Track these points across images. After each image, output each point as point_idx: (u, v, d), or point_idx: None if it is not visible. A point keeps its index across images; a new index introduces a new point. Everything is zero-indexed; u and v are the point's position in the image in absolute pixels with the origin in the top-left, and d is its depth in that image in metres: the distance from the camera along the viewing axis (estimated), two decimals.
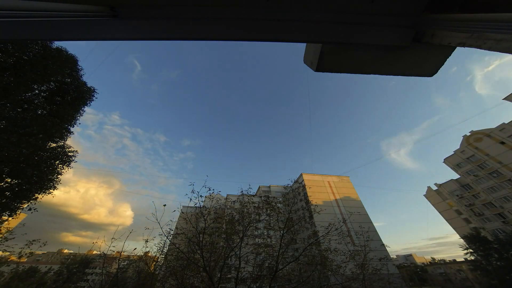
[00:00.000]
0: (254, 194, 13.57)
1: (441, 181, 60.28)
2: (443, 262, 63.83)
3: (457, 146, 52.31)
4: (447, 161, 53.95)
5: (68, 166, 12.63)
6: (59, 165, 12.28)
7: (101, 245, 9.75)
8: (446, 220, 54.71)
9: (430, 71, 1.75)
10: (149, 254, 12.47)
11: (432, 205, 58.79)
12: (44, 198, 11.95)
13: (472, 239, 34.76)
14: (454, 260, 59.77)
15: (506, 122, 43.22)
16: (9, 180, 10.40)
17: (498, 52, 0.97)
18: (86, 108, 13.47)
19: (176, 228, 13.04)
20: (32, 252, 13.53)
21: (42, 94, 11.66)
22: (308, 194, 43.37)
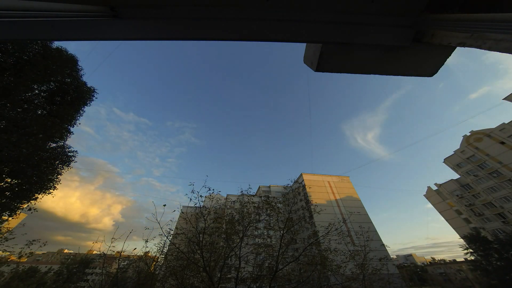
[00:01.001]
0: (254, 194, 13.57)
1: (440, 181, 60.27)
2: (443, 262, 63.84)
3: (456, 146, 52.35)
4: (447, 161, 53.94)
5: (68, 166, 12.63)
6: (59, 165, 12.28)
7: (101, 245, 9.75)
8: (446, 220, 54.70)
9: (430, 71, 1.75)
10: (149, 254, 12.47)
11: (432, 205, 58.82)
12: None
13: (472, 239, 34.76)
14: (454, 260, 59.78)
15: (506, 122, 43.25)
16: (9, 180, 10.40)
17: (498, 52, 0.97)
18: None
19: (176, 228, 13.03)
20: (32, 252, 13.53)
21: (42, 94, 11.65)
22: (308, 194, 43.40)
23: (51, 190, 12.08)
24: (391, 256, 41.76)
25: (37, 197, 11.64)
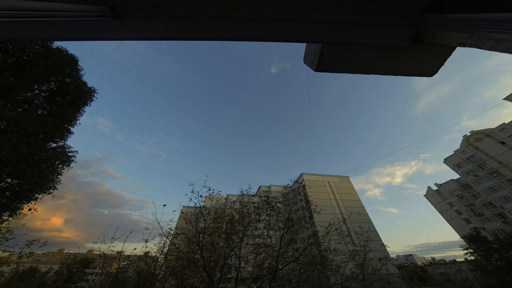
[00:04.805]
0: (254, 194, 13.57)
1: (440, 181, 60.26)
2: (443, 262, 63.83)
3: (456, 146, 52.32)
4: (447, 161, 53.93)
5: (68, 166, 12.63)
6: (59, 165, 12.28)
7: (101, 245, 9.74)
8: (446, 220, 54.69)
9: (430, 71, 1.75)
10: (149, 254, 12.47)
11: (432, 205, 58.82)
12: None
13: (472, 239, 34.76)
14: (454, 260, 59.79)
15: (506, 122, 43.25)
16: (9, 180, 10.40)
17: (498, 52, 0.97)
18: None
19: (176, 228, 13.03)
20: (32, 252, 13.54)
21: (42, 94, 11.65)
22: (308, 194, 43.37)
23: (51, 190, 12.08)
24: (391, 256, 41.75)
25: (37, 197, 11.64)
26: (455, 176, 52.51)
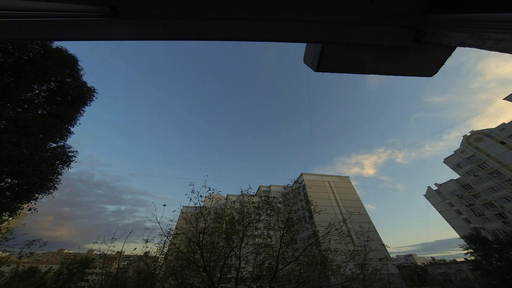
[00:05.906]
0: (254, 194, 13.58)
1: (440, 181, 60.22)
2: (443, 262, 63.86)
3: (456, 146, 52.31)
4: (447, 161, 53.96)
5: (68, 166, 12.64)
6: (59, 165, 12.28)
7: (101, 245, 9.75)
8: (446, 220, 54.72)
9: (430, 71, 1.75)
10: (149, 254, 12.48)
11: (432, 205, 58.85)
12: None
13: (472, 239, 34.77)
14: (454, 260, 59.82)
15: (506, 122, 43.27)
16: (9, 180, 10.40)
17: (499, 52, 0.97)
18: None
19: (176, 228, 13.04)
20: (32, 252, 13.55)
21: (42, 94, 11.66)
22: (308, 194, 43.37)
23: (51, 190, 12.09)
24: (391, 256, 41.76)
25: (37, 197, 11.65)
26: (455, 176, 52.60)
